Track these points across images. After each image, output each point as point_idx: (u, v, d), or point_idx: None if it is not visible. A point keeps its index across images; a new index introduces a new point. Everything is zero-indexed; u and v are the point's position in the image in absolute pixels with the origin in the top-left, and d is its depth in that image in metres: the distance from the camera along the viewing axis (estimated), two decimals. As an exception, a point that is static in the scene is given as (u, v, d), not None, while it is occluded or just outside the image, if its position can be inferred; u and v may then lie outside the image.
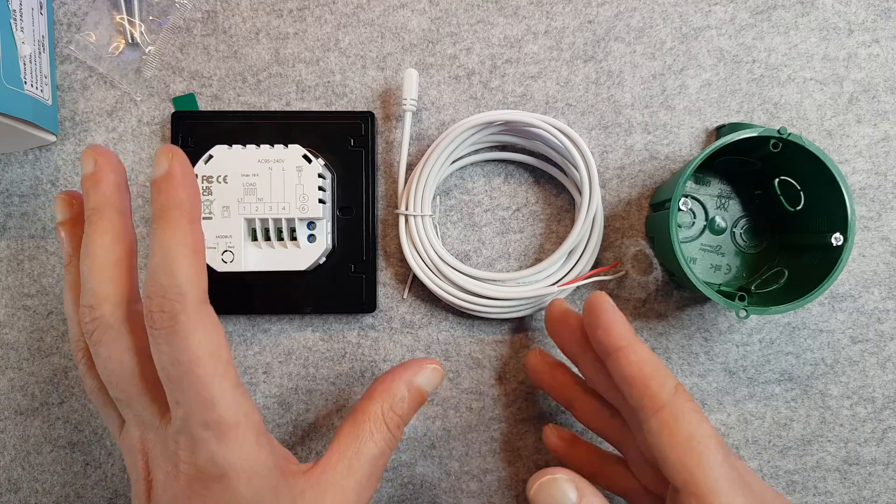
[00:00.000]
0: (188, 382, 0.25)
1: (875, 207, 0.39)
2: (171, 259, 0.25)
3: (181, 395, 0.25)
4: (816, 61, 0.39)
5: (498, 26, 0.39)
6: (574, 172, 0.37)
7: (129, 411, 0.28)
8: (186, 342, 0.25)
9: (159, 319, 0.25)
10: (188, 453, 0.26)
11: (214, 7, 0.39)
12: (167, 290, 0.25)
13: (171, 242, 0.25)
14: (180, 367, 0.25)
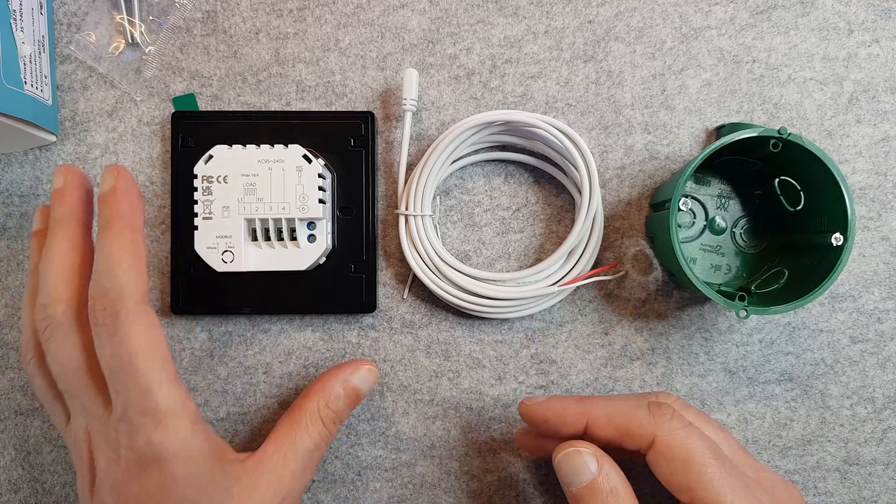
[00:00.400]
0: (128, 374, 0.28)
1: (875, 207, 0.39)
2: (113, 263, 0.28)
3: (121, 385, 0.28)
4: (816, 61, 0.39)
5: (498, 26, 0.39)
6: (574, 172, 0.37)
7: (76, 402, 0.30)
8: (126, 338, 0.27)
9: (101, 317, 0.28)
10: (128, 439, 0.28)
11: (214, 7, 0.39)
12: (108, 291, 0.28)
13: (112, 248, 0.28)
14: (120, 360, 0.27)
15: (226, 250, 0.35)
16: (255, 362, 0.38)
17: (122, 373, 0.28)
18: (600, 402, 0.31)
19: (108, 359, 0.28)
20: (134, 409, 0.28)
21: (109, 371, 0.28)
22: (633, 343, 0.39)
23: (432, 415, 0.39)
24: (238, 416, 0.38)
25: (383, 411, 0.39)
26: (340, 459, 0.38)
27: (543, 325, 0.39)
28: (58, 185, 0.31)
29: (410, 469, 0.38)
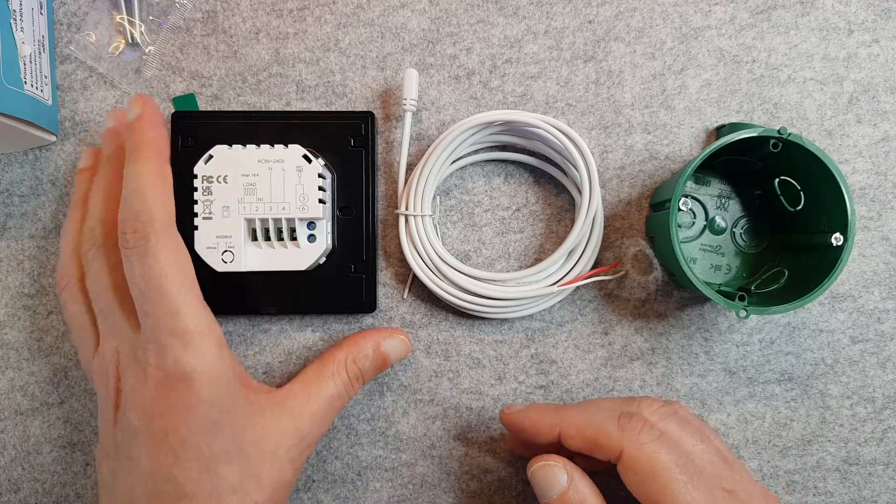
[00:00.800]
0: (156, 295, 0.28)
1: (875, 207, 0.39)
2: (142, 187, 0.29)
3: (150, 306, 0.29)
4: (816, 61, 0.39)
5: (498, 26, 0.39)
6: (574, 172, 0.37)
7: (108, 323, 0.31)
8: (155, 259, 0.29)
9: (132, 239, 0.29)
10: (156, 358, 0.29)
11: (214, 7, 0.39)
12: (138, 214, 0.29)
13: (141, 173, 0.29)
14: (149, 281, 0.28)
15: (226, 250, 0.35)
16: (255, 362, 0.38)
17: (151, 294, 0.28)
18: (573, 412, 0.31)
19: (137, 280, 0.29)
20: (162, 330, 0.29)
21: (138, 292, 0.29)
22: (633, 343, 0.39)
23: (432, 415, 0.39)
24: (238, 416, 0.38)
25: (383, 411, 0.39)
26: (340, 459, 0.38)
27: (543, 325, 0.39)
28: (134, 112, 0.32)
29: (410, 469, 0.38)
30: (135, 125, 0.31)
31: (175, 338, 0.29)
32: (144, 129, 0.31)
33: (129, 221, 0.29)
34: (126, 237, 0.29)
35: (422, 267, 0.37)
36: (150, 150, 0.31)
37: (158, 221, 0.29)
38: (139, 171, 0.30)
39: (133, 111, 0.32)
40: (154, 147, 0.31)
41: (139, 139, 0.31)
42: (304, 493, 0.38)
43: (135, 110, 0.32)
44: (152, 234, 0.29)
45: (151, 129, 0.31)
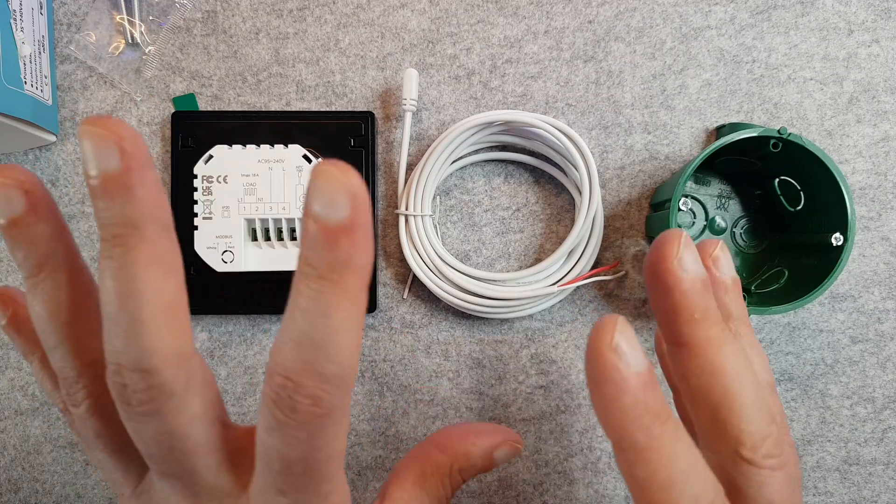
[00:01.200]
0: (311, 478, 0.20)
1: (875, 207, 0.39)
2: (337, 340, 0.18)
3: (294, 490, 0.20)
4: (816, 61, 0.39)
5: (498, 26, 0.39)
6: (574, 172, 0.37)
7: (179, 483, 0.21)
8: (335, 433, 0.19)
9: (306, 409, 0.18)
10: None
11: (214, 7, 0.39)
12: (330, 380, 0.18)
13: (343, 318, 0.18)
14: (313, 463, 0.19)
15: (226, 250, 0.35)
16: (255, 362, 0.38)
17: (309, 474, 0.20)
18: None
19: (283, 459, 0.19)
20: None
21: (282, 469, 0.20)
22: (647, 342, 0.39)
23: (432, 415, 0.39)
24: (238, 417, 0.38)
25: (383, 411, 0.39)
26: (340, 459, 0.38)
27: (543, 325, 0.39)
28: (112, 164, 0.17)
29: (410, 469, 0.38)
30: (341, 236, 0.16)
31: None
32: (357, 247, 0.17)
33: (309, 385, 0.18)
34: (297, 404, 0.18)
35: (422, 267, 0.37)
36: (357, 285, 0.17)
37: (347, 386, 0.19)
38: (340, 314, 0.17)
39: (339, 207, 0.16)
40: (362, 279, 0.18)
41: (345, 259, 0.17)
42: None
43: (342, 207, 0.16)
44: (336, 410, 0.19)
45: (365, 250, 0.17)
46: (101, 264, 0.18)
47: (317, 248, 0.17)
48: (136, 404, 0.19)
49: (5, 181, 0.18)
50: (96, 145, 0.17)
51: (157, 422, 0.19)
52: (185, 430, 0.20)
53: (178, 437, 0.20)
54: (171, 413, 0.19)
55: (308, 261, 0.17)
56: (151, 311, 0.18)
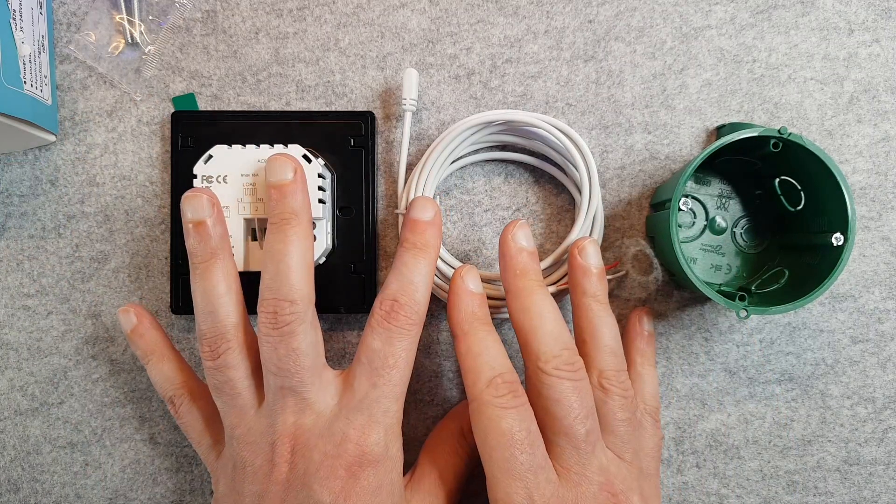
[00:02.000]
0: (388, 371, 0.29)
1: (875, 207, 0.39)
2: (418, 282, 0.31)
3: (384, 381, 0.29)
4: (817, 61, 0.39)
5: (498, 26, 0.39)
6: (574, 172, 0.37)
7: (294, 398, 0.29)
8: (404, 340, 0.30)
9: (401, 319, 0.30)
10: (359, 433, 0.29)
11: (214, 7, 0.39)
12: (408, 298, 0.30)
13: (426, 272, 0.31)
14: (386, 358, 0.29)
15: (225, 250, 0.35)
16: (255, 362, 0.38)
17: (385, 369, 0.29)
18: (478, 334, 0.32)
19: (382, 354, 0.29)
20: (381, 407, 0.29)
21: (379, 364, 0.29)
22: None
23: (432, 415, 0.39)
24: (238, 417, 0.38)
25: (383, 411, 0.38)
26: (340, 459, 0.38)
27: (543, 325, 0.39)
28: (285, 176, 0.31)
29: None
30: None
31: (387, 418, 0.29)
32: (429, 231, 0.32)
33: (400, 304, 0.30)
34: (396, 315, 0.30)
35: (422, 267, 0.37)
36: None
37: (416, 307, 0.31)
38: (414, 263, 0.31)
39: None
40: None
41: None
42: (304, 494, 0.38)
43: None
44: (409, 319, 0.30)
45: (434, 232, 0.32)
46: (269, 237, 0.30)
47: (414, 232, 0.31)
48: (280, 325, 0.29)
49: (199, 194, 0.31)
50: (281, 164, 0.31)
51: (291, 339, 0.29)
52: (307, 350, 0.29)
53: (301, 355, 0.29)
54: (301, 334, 0.29)
55: (408, 240, 0.31)
56: (298, 265, 0.30)
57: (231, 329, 0.30)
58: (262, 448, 0.29)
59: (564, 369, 0.29)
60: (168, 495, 0.38)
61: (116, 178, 0.38)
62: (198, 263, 0.31)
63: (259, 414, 0.30)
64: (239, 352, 0.30)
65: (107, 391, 0.38)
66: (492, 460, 0.28)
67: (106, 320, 0.38)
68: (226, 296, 0.30)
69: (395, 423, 0.30)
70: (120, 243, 0.38)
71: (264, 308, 0.29)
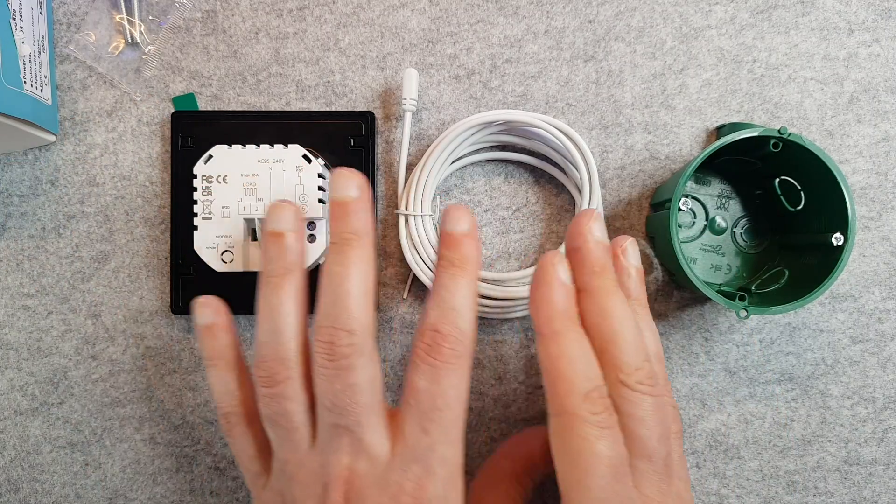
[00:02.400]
0: (449, 415, 0.26)
1: (875, 207, 0.39)
2: (464, 304, 0.27)
3: (436, 426, 0.26)
4: (817, 61, 0.39)
5: (498, 26, 0.39)
6: (574, 172, 0.37)
7: (349, 437, 0.27)
8: (461, 377, 0.27)
9: (447, 352, 0.26)
10: (415, 486, 0.26)
11: (214, 7, 0.39)
12: (462, 331, 0.27)
13: (467, 291, 0.27)
14: (445, 398, 0.26)
15: (225, 250, 0.35)
16: (255, 362, 0.38)
17: (435, 412, 0.26)
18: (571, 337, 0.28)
19: (429, 394, 0.26)
20: (435, 456, 0.26)
21: (428, 406, 0.26)
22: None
23: (432, 415, 0.39)
24: (238, 417, 0.38)
25: (383, 411, 0.38)
26: (340, 459, 0.38)
27: (543, 325, 0.39)
28: (352, 193, 0.28)
29: (410, 469, 0.38)
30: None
31: (445, 468, 0.26)
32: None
33: (436, 338, 0.27)
34: (438, 349, 0.26)
35: (422, 267, 0.37)
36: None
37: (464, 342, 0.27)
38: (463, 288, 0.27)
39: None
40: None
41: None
42: (304, 494, 0.38)
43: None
44: (460, 357, 0.27)
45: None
46: (329, 258, 0.27)
47: (450, 248, 0.28)
48: (339, 357, 0.26)
49: (286, 205, 0.29)
50: (346, 179, 0.28)
51: (348, 373, 0.26)
52: (364, 386, 0.26)
53: (358, 391, 0.26)
54: (359, 368, 0.26)
55: (445, 257, 0.28)
56: (358, 291, 0.27)
57: (293, 356, 0.27)
58: (313, 489, 0.27)
59: (647, 383, 0.26)
60: (168, 495, 0.38)
61: (116, 178, 0.38)
62: (270, 277, 0.28)
63: (312, 451, 0.28)
64: (299, 383, 0.28)
65: (107, 391, 0.38)
66: (580, 486, 0.25)
67: (106, 320, 0.38)
68: (292, 316, 0.28)
69: (455, 470, 0.27)
70: (120, 243, 0.38)
71: (321, 337, 0.26)
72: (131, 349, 0.38)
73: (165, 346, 0.38)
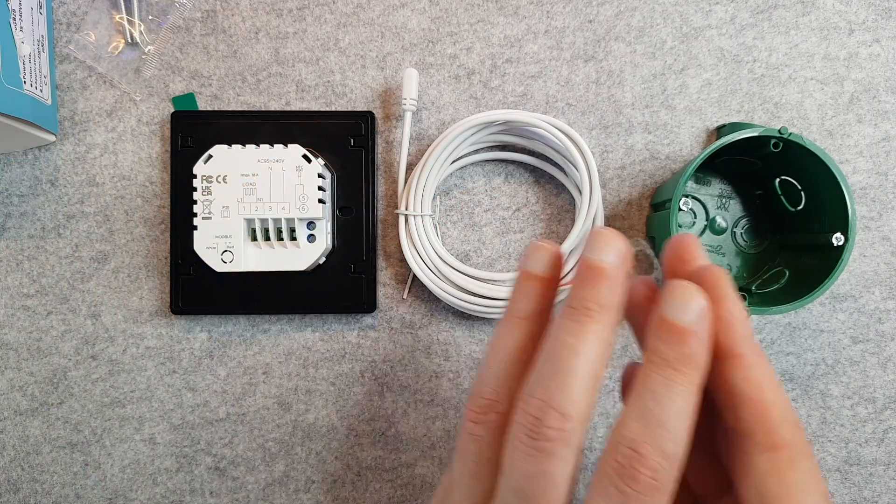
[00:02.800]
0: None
1: (876, 207, 0.39)
2: (677, 422, 0.21)
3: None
4: (817, 61, 0.39)
5: (498, 26, 0.39)
6: (574, 172, 0.37)
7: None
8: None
9: (645, 481, 0.21)
10: None
11: (214, 7, 0.39)
12: (669, 456, 0.21)
13: (684, 404, 0.21)
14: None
15: (225, 250, 0.35)
16: (255, 362, 0.38)
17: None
18: (764, 356, 0.24)
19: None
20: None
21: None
22: (634, 343, 0.39)
23: (432, 415, 0.39)
24: (237, 416, 0.38)
25: (383, 411, 0.38)
26: (340, 460, 0.38)
27: (543, 325, 0.39)
28: (609, 258, 0.24)
29: (410, 469, 0.38)
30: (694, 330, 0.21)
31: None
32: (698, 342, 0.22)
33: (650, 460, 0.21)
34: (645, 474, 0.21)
35: (422, 267, 0.37)
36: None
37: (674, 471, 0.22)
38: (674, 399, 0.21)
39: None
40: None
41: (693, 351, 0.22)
42: (304, 494, 0.38)
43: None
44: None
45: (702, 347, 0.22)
46: (562, 323, 0.23)
47: (669, 342, 0.21)
48: (540, 438, 0.22)
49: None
50: (606, 241, 0.24)
51: (546, 460, 0.22)
52: (557, 480, 0.22)
53: (550, 484, 0.22)
54: (559, 459, 0.22)
55: (659, 352, 0.21)
56: (585, 372, 0.22)
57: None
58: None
59: (799, 457, 0.23)
60: (168, 495, 0.38)
61: (116, 178, 0.38)
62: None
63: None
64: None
65: (107, 391, 0.38)
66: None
67: (106, 320, 0.38)
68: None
69: None
70: (120, 243, 0.38)
71: (529, 408, 0.22)
72: (131, 349, 0.38)
73: (165, 346, 0.38)
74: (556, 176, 0.38)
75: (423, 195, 0.36)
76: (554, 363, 0.22)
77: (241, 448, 0.38)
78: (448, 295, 0.36)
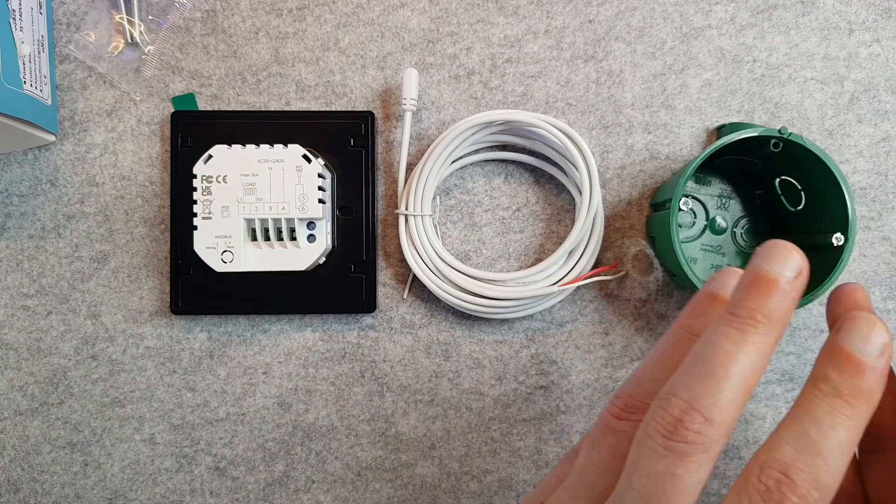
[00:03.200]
0: None
1: (876, 207, 0.39)
2: (837, 455, 0.20)
3: None
4: (817, 61, 0.39)
5: (498, 26, 0.39)
6: (574, 172, 0.37)
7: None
8: None
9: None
10: None
11: (214, 7, 0.39)
12: (822, 489, 0.20)
13: (847, 438, 0.20)
14: None
15: (225, 250, 0.35)
16: (255, 362, 0.38)
17: None
18: None
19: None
20: None
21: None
22: (634, 343, 0.39)
23: (432, 415, 0.39)
24: (237, 417, 0.38)
25: (383, 411, 0.38)
26: (340, 460, 0.38)
27: (543, 325, 0.39)
28: (789, 273, 0.22)
29: (410, 469, 0.38)
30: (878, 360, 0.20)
31: None
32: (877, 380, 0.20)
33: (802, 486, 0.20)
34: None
35: (422, 267, 0.37)
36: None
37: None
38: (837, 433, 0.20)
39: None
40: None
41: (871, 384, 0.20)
42: (304, 494, 0.38)
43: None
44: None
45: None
46: (721, 327, 0.22)
47: (845, 371, 0.20)
48: (679, 439, 0.21)
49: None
50: (784, 255, 0.21)
51: (678, 462, 0.21)
52: (685, 486, 0.21)
53: (678, 489, 0.21)
54: (693, 464, 0.21)
55: (830, 380, 0.21)
56: (738, 381, 0.21)
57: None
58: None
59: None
60: (168, 495, 0.38)
61: (116, 178, 0.38)
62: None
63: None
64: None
65: (107, 391, 0.38)
66: None
67: (106, 320, 0.38)
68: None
69: None
70: (120, 243, 0.38)
71: (667, 406, 0.21)
72: (131, 349, 0.38)
73: (165, 346, 0.38)
74: (556, 176, 0.38)
75: (423, 195, 0.36)
76: (706, 366, 0.21)
77: (241, 448, 0.38)
78: (448, 295, 0.36)
